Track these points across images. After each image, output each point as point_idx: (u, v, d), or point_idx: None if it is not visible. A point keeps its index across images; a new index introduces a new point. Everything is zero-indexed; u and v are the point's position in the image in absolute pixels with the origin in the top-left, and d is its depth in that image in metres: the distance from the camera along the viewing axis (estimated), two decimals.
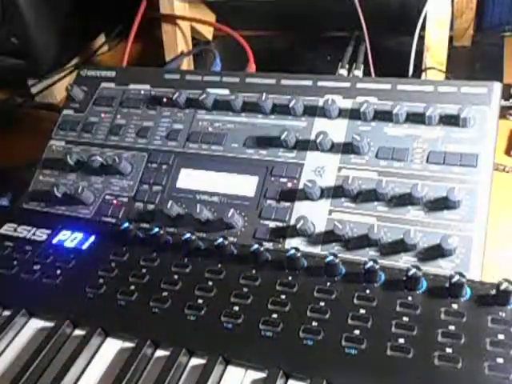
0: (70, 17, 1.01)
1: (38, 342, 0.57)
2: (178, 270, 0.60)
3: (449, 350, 0.49)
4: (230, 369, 0.53)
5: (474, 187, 0.60)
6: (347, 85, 0.70)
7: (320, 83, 0.71)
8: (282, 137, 0.67)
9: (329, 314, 0.54)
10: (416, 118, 0.65)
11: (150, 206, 0.70)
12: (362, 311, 0.53)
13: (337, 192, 0.64)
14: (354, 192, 0.63)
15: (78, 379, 0.55)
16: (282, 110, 0.71)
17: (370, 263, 0.54)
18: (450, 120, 0.64)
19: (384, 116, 0.66)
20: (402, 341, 0.51)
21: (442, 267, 0.57)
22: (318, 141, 0.66)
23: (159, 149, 0.74)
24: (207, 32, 1.06)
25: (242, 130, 0.72)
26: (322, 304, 0.54)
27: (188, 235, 0.61)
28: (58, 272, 0.63)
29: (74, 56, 1.08)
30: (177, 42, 0.98)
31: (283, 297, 0.56)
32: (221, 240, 0.60)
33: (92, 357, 0.56)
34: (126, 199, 0.72)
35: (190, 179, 0.71)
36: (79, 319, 0.59)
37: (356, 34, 0.94)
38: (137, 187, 0.72)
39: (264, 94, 0.70)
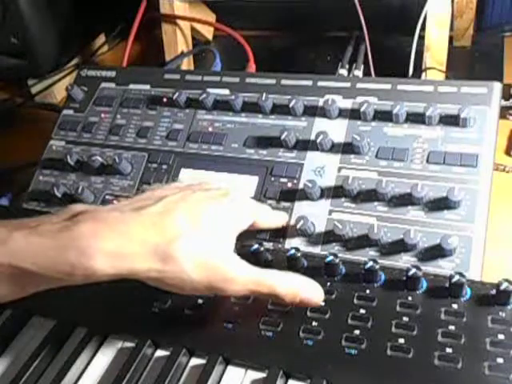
0: (70, 17, 1.01)
1: (39, 342, 0.58)
2: None
3: (449, 350, 0.49)
4: (230, 369, 0.53)
5: (474, 187, 0.60)
6: (347, 85, 0.70)
7: (320, 83, 0.71)
8: (282, 137, 0.67)
9: (329, 314, 0.54)
10: (416, 118, 0.65)
11: None
12: (362, 311, 0.53)
13: (337, 192, 0.64)
14: (354, 192, 0.63)
15: (78, 379, 0.55)
16: (282, 110, 0.71)
17: (370, 263, 0.54)
18: (450, 120, 0.64)
19: (384, 116, 0.66)
20: (402, 341, 0.51)
21: (441, 267, 0.57)
22: (318, 141, 0.66)
23: (159, 149, 0.74)
24: (207, 32, 1.06)
25: (242, 129, 0.72)
26: (322, 304, 0.54)
27: None
28: None
29: (74, 56, 1.08)
30: (177, 41, 0.98)
31: None
32: None
33: (92, 357, 0.56)
34: None
35: (190, 179, 0.71)
36: (79, 319, 0.59)
37: (356, 34, 0.94)
38: (137, 187, 0.72)
39: (264, 94, 0.70)
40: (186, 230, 0.50)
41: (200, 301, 0.57)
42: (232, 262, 0.52)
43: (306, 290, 0.54)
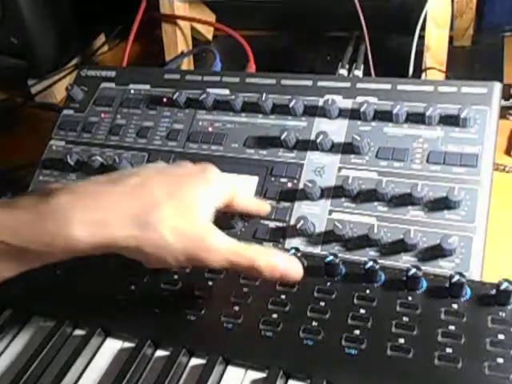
0: (69, 16, 1.01)
1: (38, 342, 0.58)
2: (178, 270, 0.60)
3: (449, 350, 0.49)
4: (230, 369, 0.53)
5: (474, 187, 0.60)
6: (347, 85, 0.70)
7: (320, 83, 0.71)
8: (282, 137, 0.67)
9: (329, 313, 0.54)
10: (416, 118, 0.65)
11: None
12: (362, 311, 0.53)
13: (337, 192, 0.64)
14: (354, 192, 0.63)
15: (78, 379, 0.55)
16: (282, 110, 0.71)
17: (370, 263, 0.54)
18: (450, 120, 0.64)
19: (384, 116, 0.66)
20: (402, 341, 0.51)
21: (441, 267, 0.57)
22: (318, 141, 0.66)
23: (159, 149, 0.74)
24: (207, 32, 1.06)
25: (242, 129, 0.72)
26: (322, 304, 0.54)
27: None
28: (58, 272, 0.63)
29: (74, 56, 1.08)
30: (177, 41, 0.98)
31: (283, 297, 0.56)
32: None
33: (92, 357, 0.56)
34: None
35: None
36: (79, 319, 0.59)
37: (356, 34, 0.94)
38: None
39: (264, 94, 0.70)
40: (163, 199, 0.51)
41: (200, 301, 0.57)
42: (212, 232, 0.52)
43: (286, 265, 0.54)
